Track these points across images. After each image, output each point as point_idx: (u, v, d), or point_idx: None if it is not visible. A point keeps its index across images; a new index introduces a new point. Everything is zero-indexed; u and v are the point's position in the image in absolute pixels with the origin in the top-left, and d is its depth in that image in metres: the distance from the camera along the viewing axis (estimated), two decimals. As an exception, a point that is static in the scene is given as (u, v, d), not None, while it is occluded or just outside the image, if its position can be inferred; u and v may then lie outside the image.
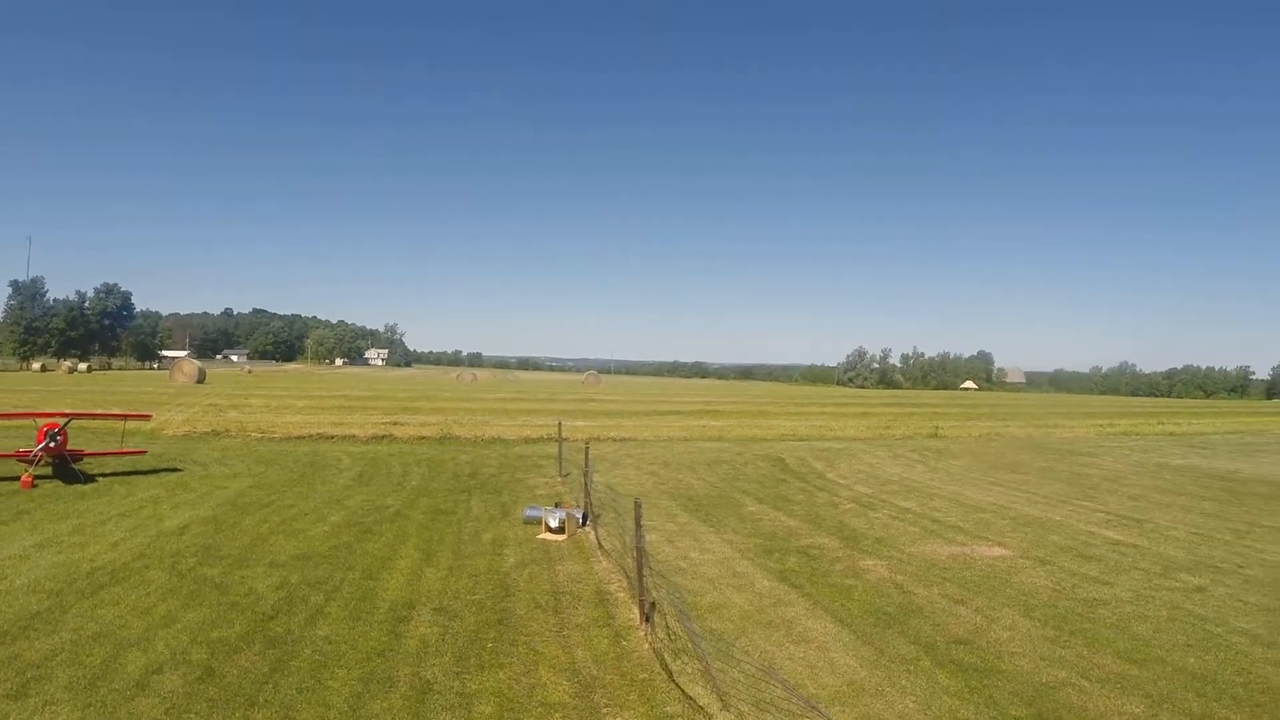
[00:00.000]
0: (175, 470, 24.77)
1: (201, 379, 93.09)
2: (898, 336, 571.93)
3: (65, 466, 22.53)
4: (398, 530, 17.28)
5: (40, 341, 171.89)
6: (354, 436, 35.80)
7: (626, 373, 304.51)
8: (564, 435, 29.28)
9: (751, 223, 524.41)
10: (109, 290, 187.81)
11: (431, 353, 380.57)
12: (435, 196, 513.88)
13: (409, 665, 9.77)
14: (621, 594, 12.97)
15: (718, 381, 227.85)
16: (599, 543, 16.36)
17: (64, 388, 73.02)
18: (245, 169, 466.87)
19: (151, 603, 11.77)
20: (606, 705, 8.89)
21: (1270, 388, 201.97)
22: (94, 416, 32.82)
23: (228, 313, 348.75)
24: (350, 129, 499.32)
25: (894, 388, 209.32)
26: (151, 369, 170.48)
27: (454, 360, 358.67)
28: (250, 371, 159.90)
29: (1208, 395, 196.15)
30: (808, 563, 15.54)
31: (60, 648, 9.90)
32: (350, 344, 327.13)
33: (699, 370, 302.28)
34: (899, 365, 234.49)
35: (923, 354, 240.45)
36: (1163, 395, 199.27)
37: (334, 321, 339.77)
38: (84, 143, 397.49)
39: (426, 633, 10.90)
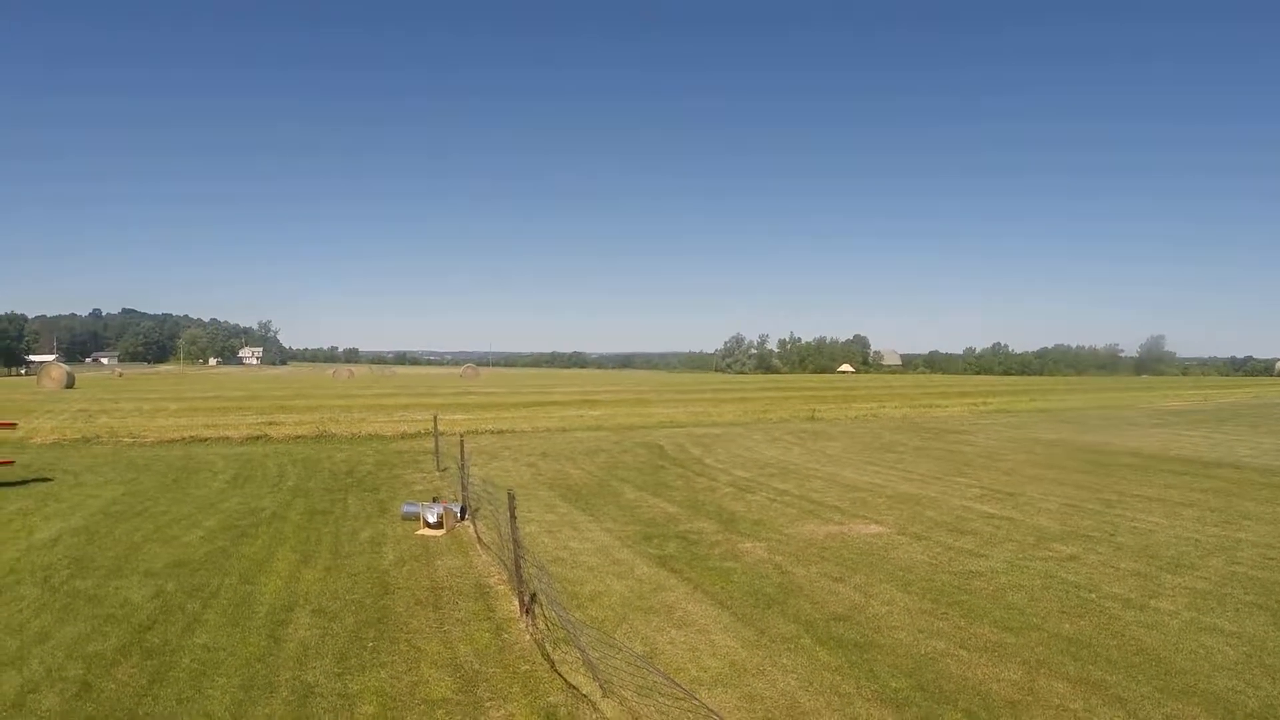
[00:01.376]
0: (45, 480, 23.72)
1: (71, 384, 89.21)
2: (775, 323, 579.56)
3: (-74, 480, 21.47)
4: (274, 532, 16.92)
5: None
6: (228, 438, 34.81)
7: (505, 364, 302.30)
8: (441, 429, 29.05)
9: (627, 210, 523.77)
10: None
11: (307, 350, 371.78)
12: (307, 192, 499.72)
13: (290, 669, 9.60)
14: (501, 587, 12.95)
15: (597, 371, 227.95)
16: (478, 536, 16.32)
17: (-78, 397, 69.33)
18: (113, 164, 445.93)
19: (24, 619, 11.30)
20: (490, 699, 8.89)
21: (1139, 365, 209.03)
22: None
23: (96, 314, 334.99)
24: (220, 123, 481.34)
25: (772, 373, 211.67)
26: (18, 374, 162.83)
27: (330, 357, 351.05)
28: (121, 374, 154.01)
29: (1078, 373, 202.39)
30: (687, 547, 15.71)
31: (-73, 672, 9.46)
32: (224, 343, 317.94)
33: (578, 360, 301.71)
34: (776, 350, 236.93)
35: (800, 339, 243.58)
36: (1034, 374, 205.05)
37: (207, 320, 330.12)
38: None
39: (306, 635, 10.73)
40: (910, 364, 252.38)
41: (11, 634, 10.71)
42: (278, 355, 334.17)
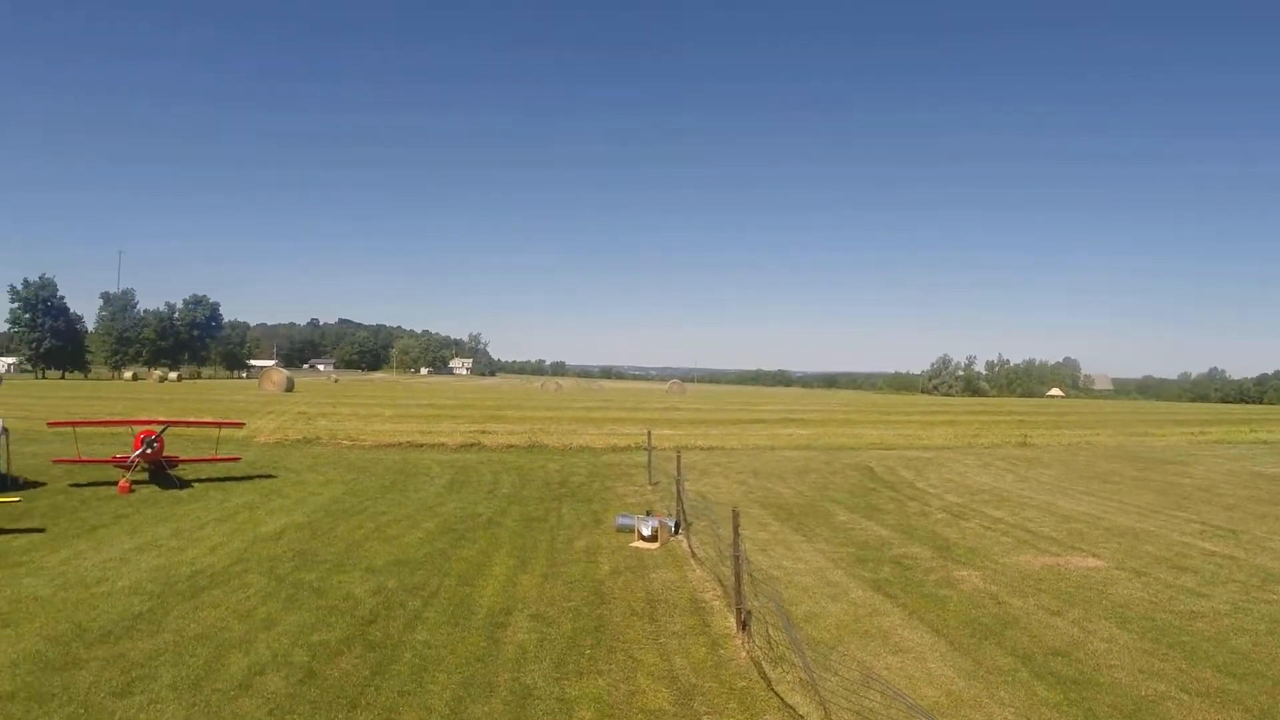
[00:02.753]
0: (269, 477, 25.55)
1: (290, 388, 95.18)
2: (981, 343, 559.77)
3: (161, 472, 23.38)
4: (491, 537, 17.54)
5: (131, 351, 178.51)
6: (443, 445, 36.35)
7: (710, 381, 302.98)
8: (651, 444, 29.37)
9: (833, 229, 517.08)
10: (198, 301, 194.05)
11: (515, 362, 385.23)
12: (517, 207, 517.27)
13: (508, 671, 9.92)
14: (716, 602, 13.01)
15: (801, 390, 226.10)
16: (692, 551, 16.41)
17: (155, 396, 75.51)
18: (331, 178, 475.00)
19: (251, 606, 12.15)
20: (706, 713, 8.92)
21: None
22: (189, 424, 33.80)
23: (314, 323, 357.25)
24: (434, 142, 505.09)
25: (979, 395, 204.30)
26: (240, 378, 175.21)
27: (537, 369, 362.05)
28: (337, 380, 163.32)
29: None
30: (901, 572, 15.40)
31: (163, 648, 10.28)
32: (435, 353, 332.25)
33: (782, 378, 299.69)
34: (983, 372, 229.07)
35: (1008, 361, 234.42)
36: (1254, 402, 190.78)
37: (419, 332, 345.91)
38: (171, 163, 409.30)
39: (524, 639, 11.06)
40: (1122, 389, 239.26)
41: (240, 619, 11.50)
42: (486, 366, 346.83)
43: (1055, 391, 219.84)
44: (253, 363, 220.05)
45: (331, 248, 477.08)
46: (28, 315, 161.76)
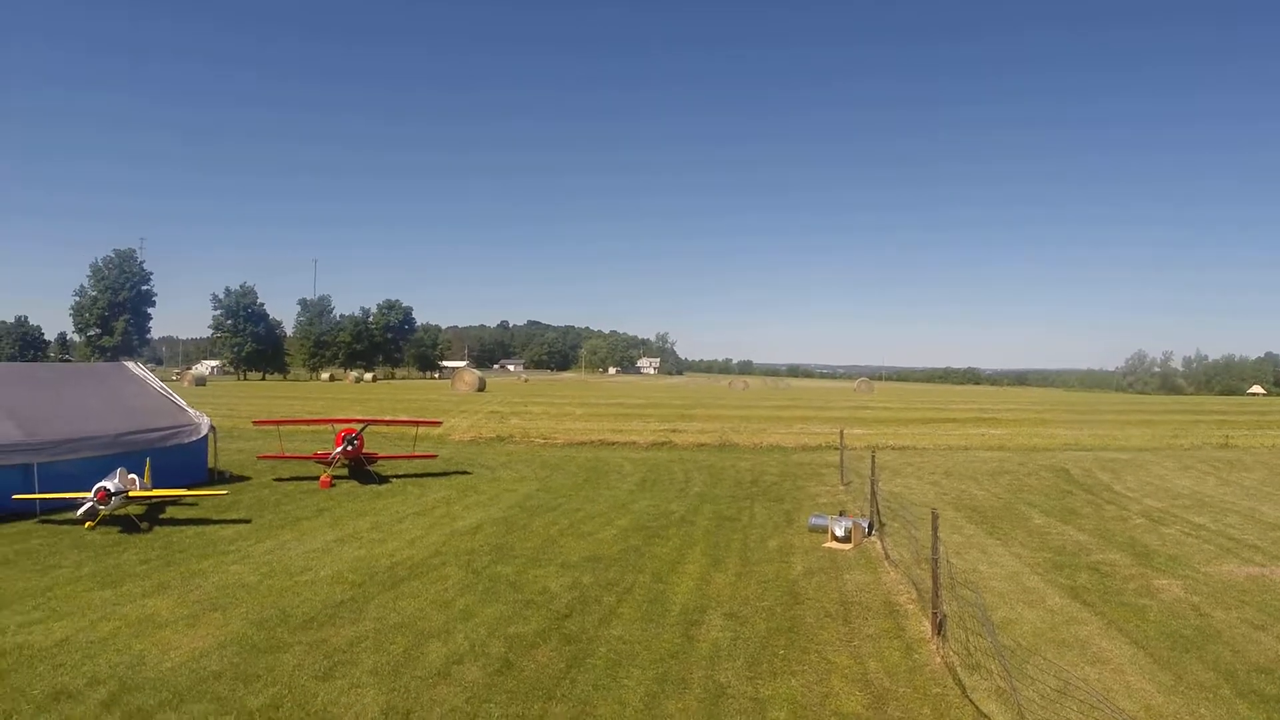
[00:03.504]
0: (465, 473, 26.41)
1: (482, 388, 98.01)
2: (1177, 337, 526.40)
3: (361, 468, 24.46)
4: (684, 535, 17.63)
5: (328, 354, 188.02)
6: (634, 443, 36.82)
7: (897, 379, 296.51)
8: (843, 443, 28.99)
9: (1020, 224, 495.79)
10: (391, 306, 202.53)
11: (702, 361, 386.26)
12: (703, 210, 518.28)
13: (702, 668, 9.93)
14: (911, 606, 12.75)
15: (991, 388, 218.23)
16: (885, 553, 16.11)
17: (352, 396, 79.14)
18: (520, 188, 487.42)
19: (450, 597, 12.57)
20: (900, 718, 8.74)
21: None
22: (388, 423, 35.21)
23: (504, 325, 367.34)
24: (620, 147, 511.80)
25: (1176, 393, 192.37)
26: (433, 379, 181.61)
27: (724, 368, 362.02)
28: (527, 380, 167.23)
29: None
30: (1099, 580, 14.71)
31: (364, 635, 10.73)
32: (623, 353, 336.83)
33: (971, 376, 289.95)
34: (1180, 369, 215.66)
35: (1205, 356, 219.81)
36: None
37: (606, 332, 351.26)
38: (365, 173, 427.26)
39: (718, 637, 11.06)
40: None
41: (438, 609, 11.90)
42: (674, 365, 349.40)
43: (1256, 389, 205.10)
44: (445, 364, 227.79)
45: (520, 252, 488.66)
46: (230, 321, 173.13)
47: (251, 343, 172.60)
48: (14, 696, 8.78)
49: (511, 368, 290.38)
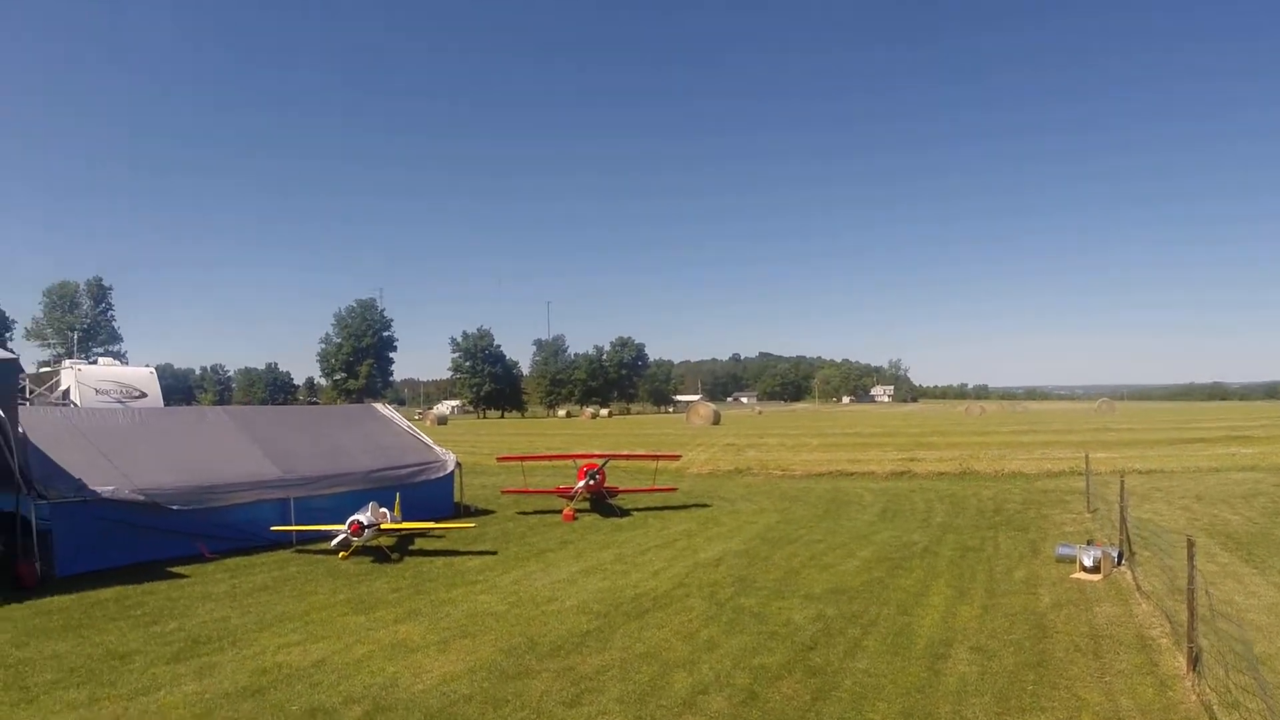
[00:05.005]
0: (704, 506, 26.59)
1: (716, 420, 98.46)
2: None
3: (602, 501, 25.00)
4: (928, 567, 17.15)
5: (563, 391, 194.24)
6: (872, 472, 36.21)
7: (1138, 398, 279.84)
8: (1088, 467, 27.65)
9: (1267, 218, 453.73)
10: (624, 343, 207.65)
11: (936, 386, 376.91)
12: (934, 237, 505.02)
13: (949, 703, 9.61)
14: (1164, 640, 11.94)
15: (1240, 403, 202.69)
16: (1136, 584, 15.19)
17: (589, 432, 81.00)
18: (750, 227, 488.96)
19: (694, 628, 12.61)
20: (1157, 758, 8.24)
21: None
22: (628, 457, 35.71)
23: (735, 357, 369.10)
24: (848, 181, 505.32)
25: None
26: (667, 413, 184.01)
27: (959, 393, 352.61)
28: (760, 412, 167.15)
29: None
30: None
31: (610, 664, 10.89)
32: (855, 381, 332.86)
33: (1218, 391, 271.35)
34: None
35: None
36: None
37: (838, 361, 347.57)
38: (596, 223, 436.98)
39: (965, 671, 10.69)
40: None
41: (683, 640, 11.97)
42: (907, 393, 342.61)
43: None
44: (678, 398, 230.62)
45: (760, 289, 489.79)
46: (468, 363, 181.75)
47: (490, 382, 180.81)
48: (274, 712, 9.37)
49: (745, 400, 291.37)
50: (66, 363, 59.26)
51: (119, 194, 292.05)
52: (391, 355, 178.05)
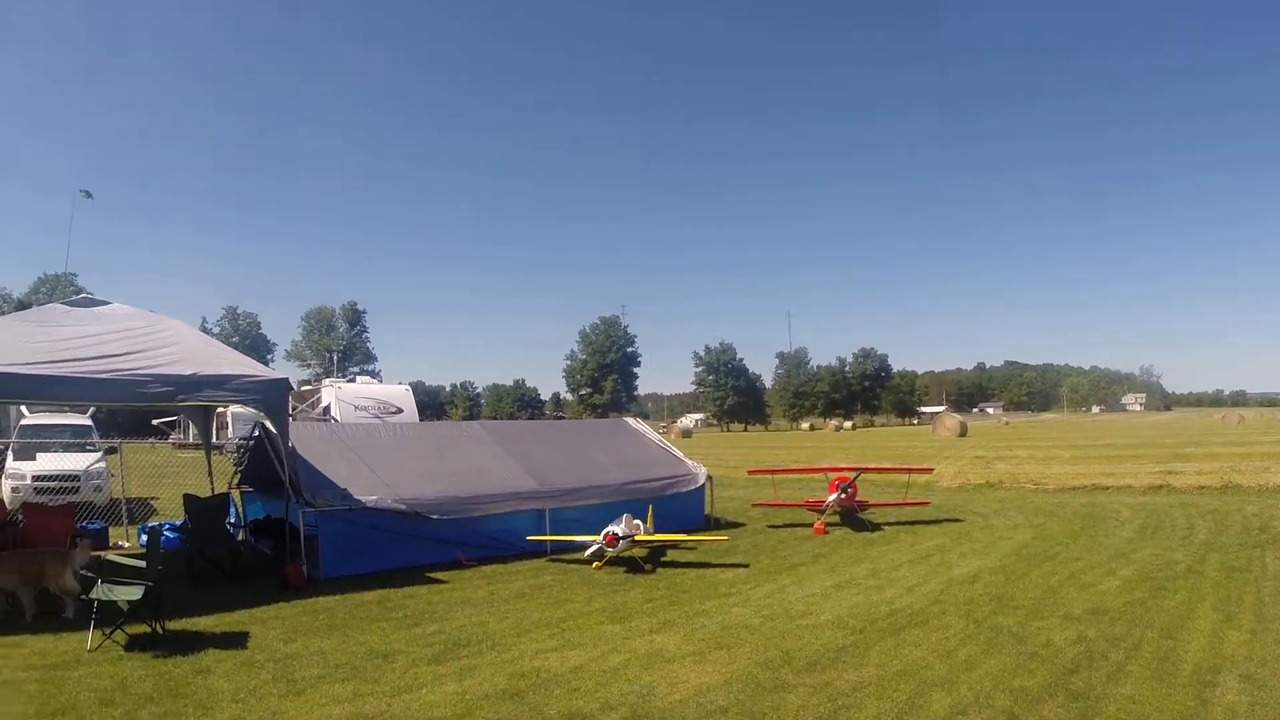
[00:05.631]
0: (956, 520, 25.76)
1: (963, 432, 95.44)
2: None
3: (853, 515, 24.65)
4: (1191, 588, 15.98)
5: (806, 404, 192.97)
6: (1128, 486, 34.12)
7: None
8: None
9: None
10: (867, 354, 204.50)
11: (1191, 394, 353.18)
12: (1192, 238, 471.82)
13: (1216, 732, 8.98)
14: None
15: None
16: None
17: (834, 444, 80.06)
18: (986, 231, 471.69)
19: (951, 647, 12.23)
20: None
21: None
22: (879, 470, 35.13)
23: (980, 367, 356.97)
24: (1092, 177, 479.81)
25: None
26: (911, 425, 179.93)
27: (1215, 400, 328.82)
28: (1007, 423, 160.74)
29: None
30: None
31: (867, 681, 10.67)
32: (1105, 390, 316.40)
33: None
34: None
35: None
36: None
37: (1087, 368, 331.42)
38: (835, 236, 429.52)
39: (1234, 700, 9.88)
40: None
41: (940, 659, 11.62)
42: (1160, 400, 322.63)
43: None
44: (922, 409, 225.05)
45: (993, 292, 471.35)
46: (711, 376, 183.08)
47: (733, 395, 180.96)
48: (532, 715, 9.62)
49: (990, 410, 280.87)
50: (326, 381, 63.20)
51: (373, 217, 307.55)
52: (635, 370, 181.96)
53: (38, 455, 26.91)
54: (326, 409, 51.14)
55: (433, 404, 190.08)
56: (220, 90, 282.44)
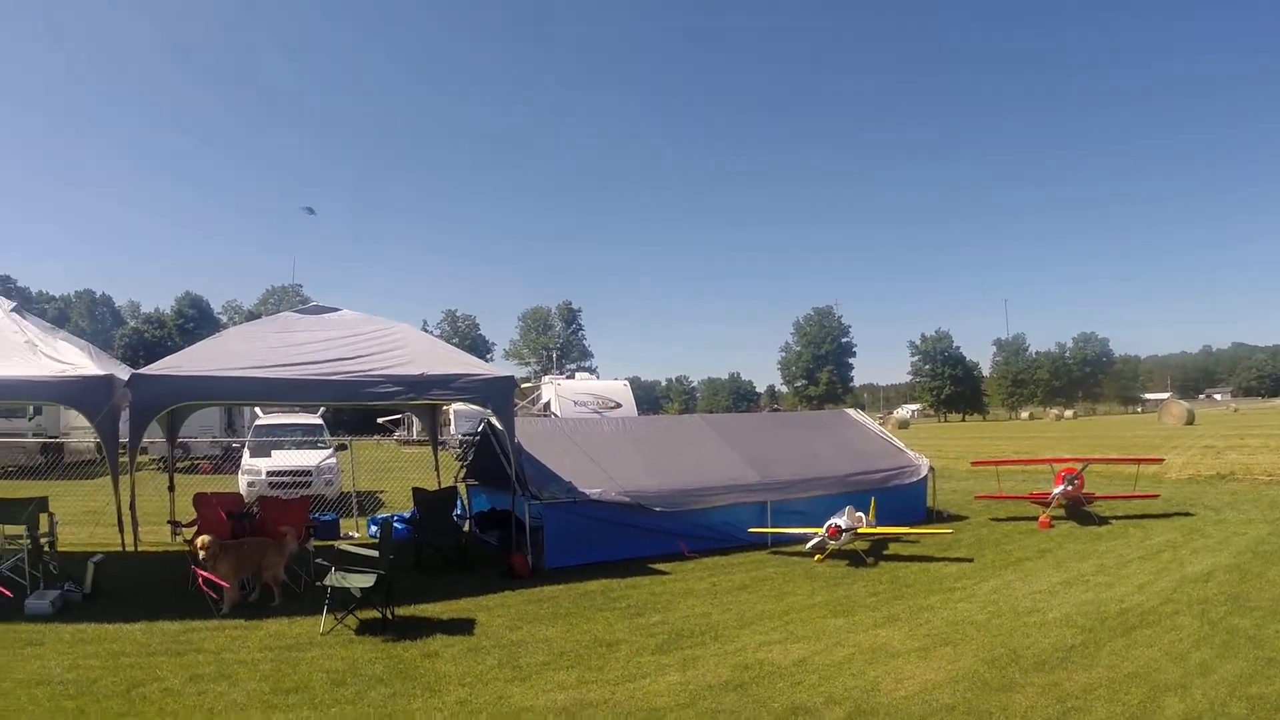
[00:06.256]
0: (1186, 514, 24.19)
1: (1190, 420, 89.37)
2: None
3: (1078, 508, 23.63)
4: None
5: (1025, 392, 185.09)
6: (1379, 479, 31.33)
7: None
8: None
9: None
10: (1087, 339, 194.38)
11: None
12: None
13: None
14: None
15: None
16: None
17: (1055, 434, 76.80)
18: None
19: (1184, 649, 11.58)
20: None
21: None
22: (1108, 461, 33.39)
23: (1206, 350, 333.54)
24: None
25: None
26: (1134, 412, 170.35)
27: None
28: (1236, 409, 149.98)
29: None
30: None
31: (1097, 682, 10.25)
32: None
33: None
34: None
35: None
36: None
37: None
38: (1052, 214, 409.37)
39: None
40: None
41: (1173, 661, 11.04)
42: None
43: None
44: (1146, 396, 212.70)
45: (1230, 275, 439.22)
46: (927, 366, 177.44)
47: (949, 385, 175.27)
48: (756, 707, 9.60)
49: (1218, 396, 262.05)
50: (546, 378, 64.32)
51: (587, 211, 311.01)
52: (850, 361, 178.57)
53: (272, 452, 28.87)
54: (546, 405, 52.03)
55: (649, 399, 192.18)
56: (439, 103, 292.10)
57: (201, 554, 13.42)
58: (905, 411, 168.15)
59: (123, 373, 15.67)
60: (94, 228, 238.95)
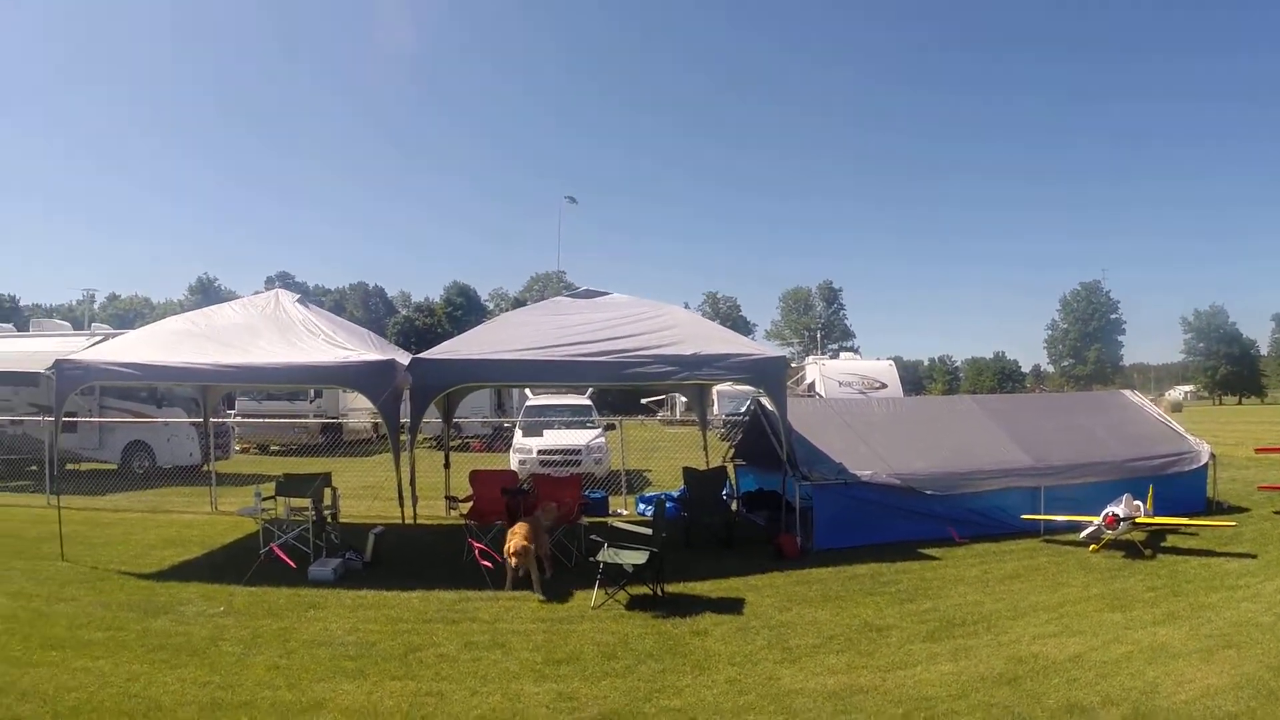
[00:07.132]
0: None
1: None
2: None
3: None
4: None
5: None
6: None
7: None
8: None
9: None
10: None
11: None
12: None
13: None
14: None
15: None
16: None
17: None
18: None
19: None
20: None
21: None
22: None
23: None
24: None
25: None
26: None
27: None
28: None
29: None
30: None
31: None
32: None
33: None
34: None
35: None
36: None
37: None
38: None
39: None
40: None
41: None
42: None
43: None
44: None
45: None
46: (1201, 344, 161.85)
47: (1225, 365, 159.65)
48: (1029, 702, 8.88)
49: None
50: (810, 359, 62.55)
51: (844, 198, 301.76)
52: (1119, 339, 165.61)
53: (544, 432, 29.04)
54: (811, 385, 50.66)
55: (911, 379, 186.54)
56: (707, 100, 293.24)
57: (514, 561, 13.34)
58: (1177, 393, 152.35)
59: (402, 358, 16.20)
60: (366, 224, 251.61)
